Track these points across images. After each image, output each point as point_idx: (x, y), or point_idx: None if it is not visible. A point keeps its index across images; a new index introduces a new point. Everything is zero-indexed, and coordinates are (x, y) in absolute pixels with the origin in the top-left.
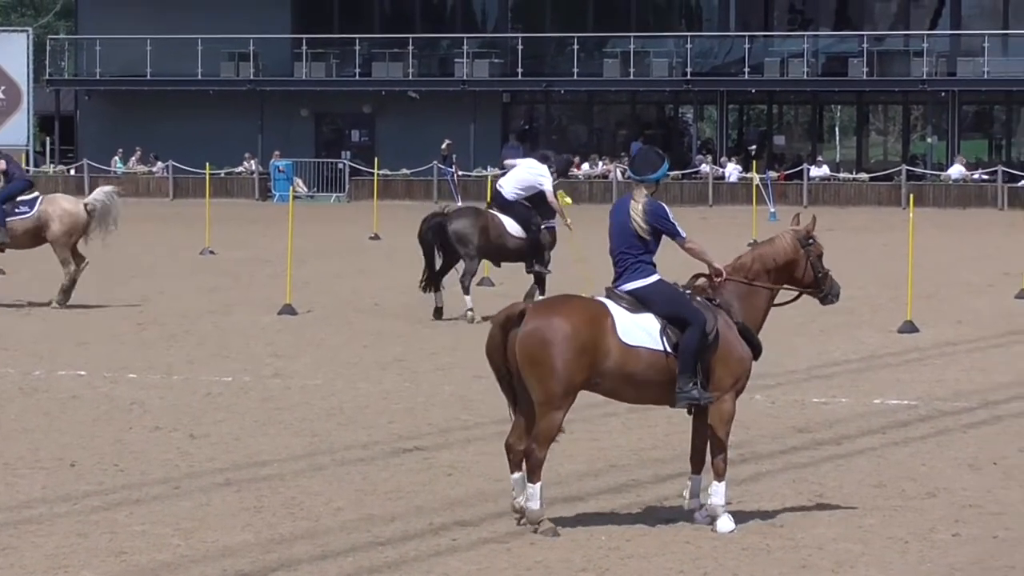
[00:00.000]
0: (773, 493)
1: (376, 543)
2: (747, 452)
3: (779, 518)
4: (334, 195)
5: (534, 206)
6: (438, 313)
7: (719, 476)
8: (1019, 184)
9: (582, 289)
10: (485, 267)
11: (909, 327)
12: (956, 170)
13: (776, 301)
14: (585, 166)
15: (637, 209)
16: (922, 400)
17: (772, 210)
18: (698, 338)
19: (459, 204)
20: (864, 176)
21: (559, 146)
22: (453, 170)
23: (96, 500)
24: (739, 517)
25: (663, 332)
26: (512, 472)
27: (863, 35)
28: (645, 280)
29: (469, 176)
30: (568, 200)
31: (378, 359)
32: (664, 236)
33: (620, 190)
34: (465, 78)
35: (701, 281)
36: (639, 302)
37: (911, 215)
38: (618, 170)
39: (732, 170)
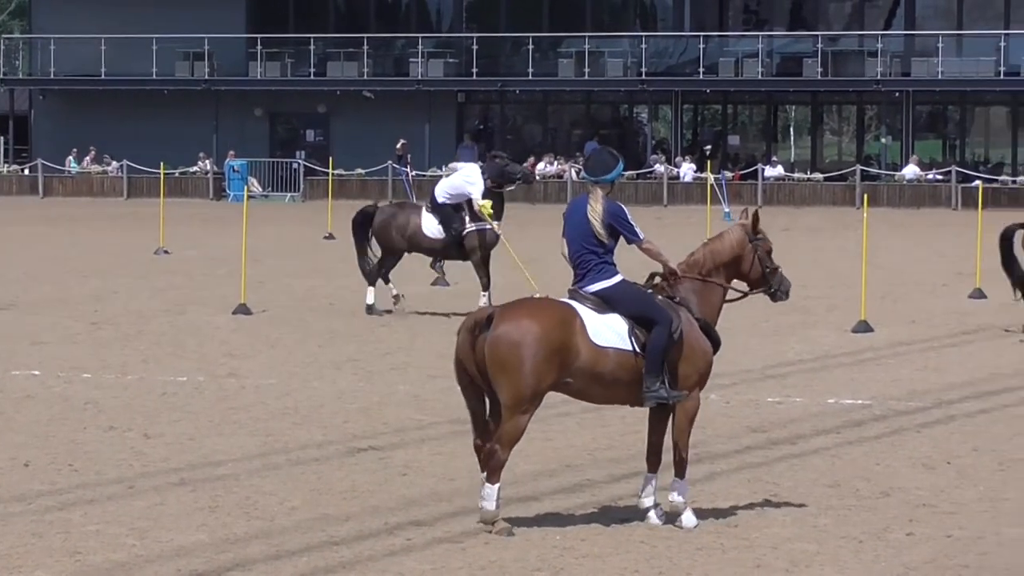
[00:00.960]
0: (728, 492)
1: (331, 543)
2: (702, 452)
3: (734, 518)
4: (289, 195)
5: (468, 209)
6: (395, 300)
7: (681, 472)
8: (972, 184)
9: (526, 291)
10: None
11: (863, 327)
12: (910, 170)
13: (728, 297)
14: (540, 166)
15: (596, 210)
16: (876, 400)
17: (727, 210)
18: (665, 337)
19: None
20: (819, 176)
21: (514, 145)
22: (407, 170)
23: (50, 500)
24: (695, 516)
25: (631, 332)
26: (483, 471)
27: (817, 35)
28: (609, 281)
29: (424, 176)
30: (489, 210)
31: (333, 358)
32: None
33: (575, 190)
34: (420, 78)
35: (658, 281)
36: (605, 303)
37: (865, 215)
38: (573, 170)
39: (687, 170)
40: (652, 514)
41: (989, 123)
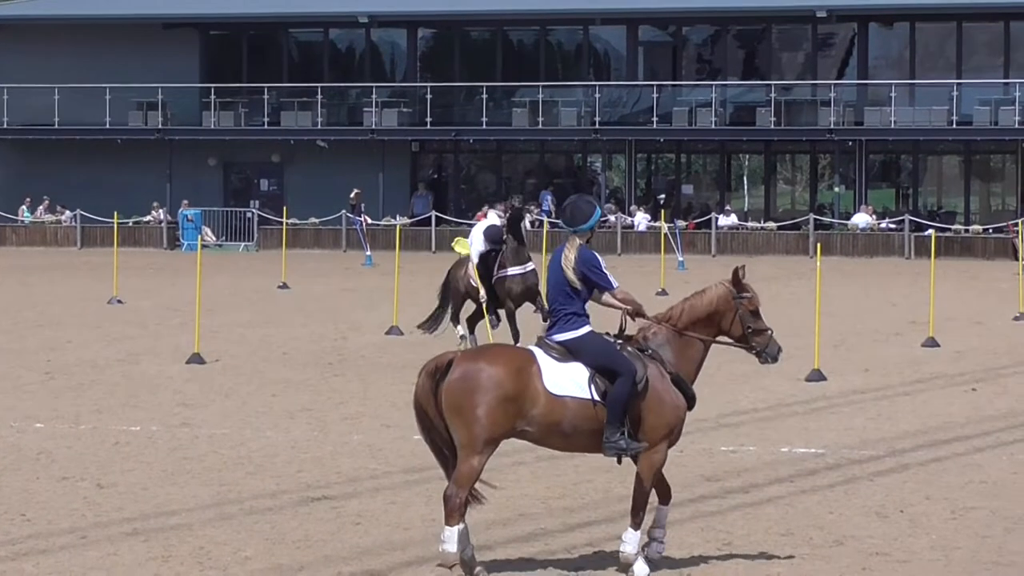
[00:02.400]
0: (681, 541)
1: None
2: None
3: (687, 567)
4: (243, 244)
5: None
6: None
7: (636, 524)
8: (925, 233)
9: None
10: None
11: (816, 375)
12: (863, 219)
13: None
14: (492, 214)
15: (569, 258)
16: (829, 448)
17: (681, 259)
18: (627, 388)
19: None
20: (772, 225)
21: (468, 195)
22: (362, 219)
23: (3, 550)
24: (647, 565)
25: (591, 380)
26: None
27: (771, 84)
28: (576, 332)
29: (378, 225)
30: (462, 250)
31: (287, 408)
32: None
33: (529, 239)
34: (374, 127)
35: (635, 329)
36: (569, 352)
37: (818, 264)
38: (527, 218)
39: (641, 219)
40: (655, 544)
41: (942, 172)
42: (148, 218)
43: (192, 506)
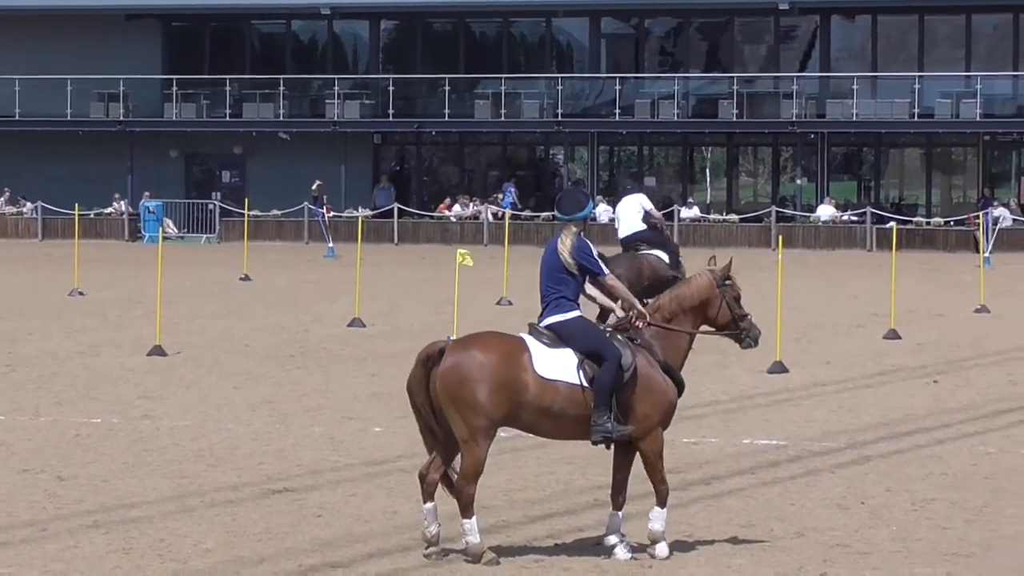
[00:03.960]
0: (643, 533)
1: None
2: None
3: (648, 559)
4: (204, 236)
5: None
6: None
7: (662, 502)
8: (887, 226)
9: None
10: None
11: (778, 367)
12: (825, 211)
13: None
14: (456, 207)
15: (566, 244)
16: (791, 440)
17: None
18: (613, 373)
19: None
20: (734, 217)
21: (430, 187)
22: (324, 211)
23: None
24: (609, 559)
25: (580, 366)
26: (425, 502)
27: (733, 77)
28: (565, 315)
29: (340, 217)
30: (468, 262)
31: (248, 400)
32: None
33: (491, 231)
34: (336, 119)
35: (620, 318)
36: (558, 337)
37: (780, 256)
38: (489, 211)
39: (603, 211)
40: (619, 549)
41: (904, 165)
42: (109, 210)
43: (153, 498)
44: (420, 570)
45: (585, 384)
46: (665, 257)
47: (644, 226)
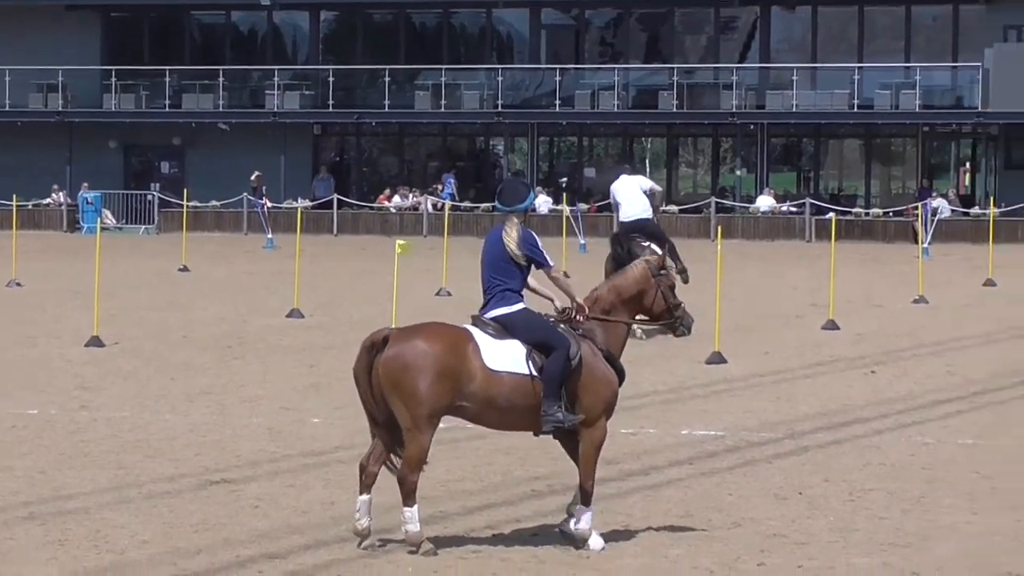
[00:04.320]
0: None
1: None
2: (556, 483)
3: (587, 549)
4: (143, 227)
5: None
6: None
7: (587, 501)
8: (826, 216)
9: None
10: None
11: (717, 358)
12: (764, 202)
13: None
14: (396, 198)
15: (512, 236)
16: (729, 431)
17: (583, 242)
18: (562, 362)
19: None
20: (674, 208)
21: (370, 178)
22: (263, 202)
23: None
24: (547, 550)
25: (529, 357)
26: (360, 493)
27: (673, 68)
28: (510, 307)
29: (279, 208)
30: (405, 251)
31: (186, 391)
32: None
33: (431, 222)
34: (276, 110)
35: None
36: (504, 328)
37: (719, 247)
38: (429, 202)
39: (543, 202)
40: (567, 526)
41: (843, 156)
42: (48, 201)
43: (90, 489)
44: (357, 561)
45: (535, 374)
46: (658, 250)
47: (645, 213)
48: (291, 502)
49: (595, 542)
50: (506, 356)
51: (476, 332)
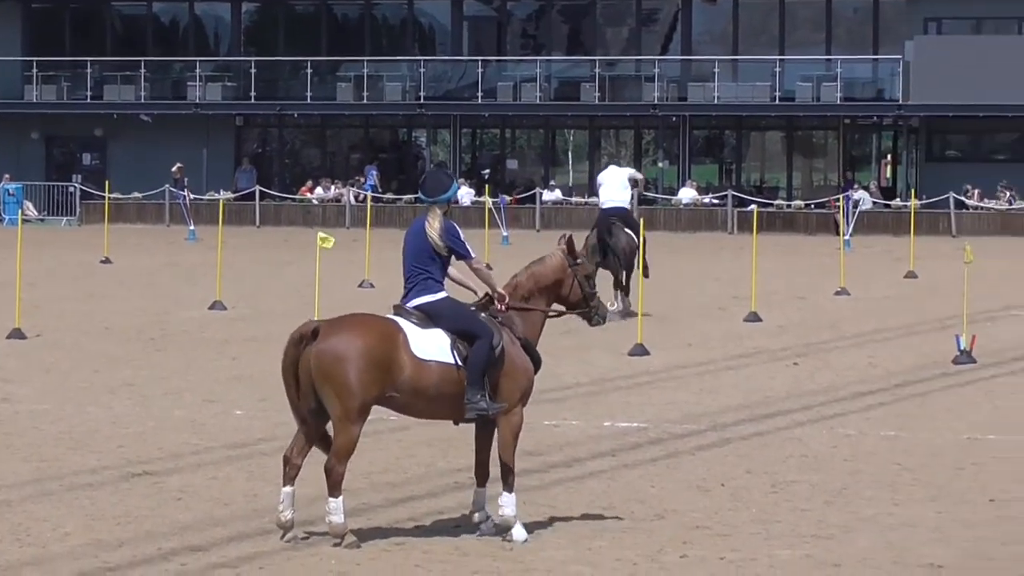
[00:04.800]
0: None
1: (105, 568)
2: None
3: (510, 541)
4: (65, 218)
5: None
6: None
7: (509, 487)
8: (748, 208)
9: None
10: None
11: (640, 350)
12: (686, 194)
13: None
14: (318, 190)
15: (435, 227)
16: (652, 422)
17: (505, 234)
18: (486, 351)
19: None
20: (596, 200)
21: (292, 169)
22: (185, 194)
23: None
24: (469, 541)
25: (453, 346)
26: (284, 485)
27: (595, 60)
28: (433, 296)
29: (201, 200)
30: (328, 244)
31: (108, 383)
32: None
33: (353, 214)
34: (198, 101)
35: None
36: (428, 317)
37: (642, 238)
38: (351, 194)
39: (465, 194)
40: (484, 527)
41: (765, 148)
42: None
43: (11, 482)
44: (280, 553)
45: (460, 363)
46: (634, 236)
47: (624, 203)
48: (214, 494)
49: (518, 533)
50: (433, 345)
51: (403, 322)
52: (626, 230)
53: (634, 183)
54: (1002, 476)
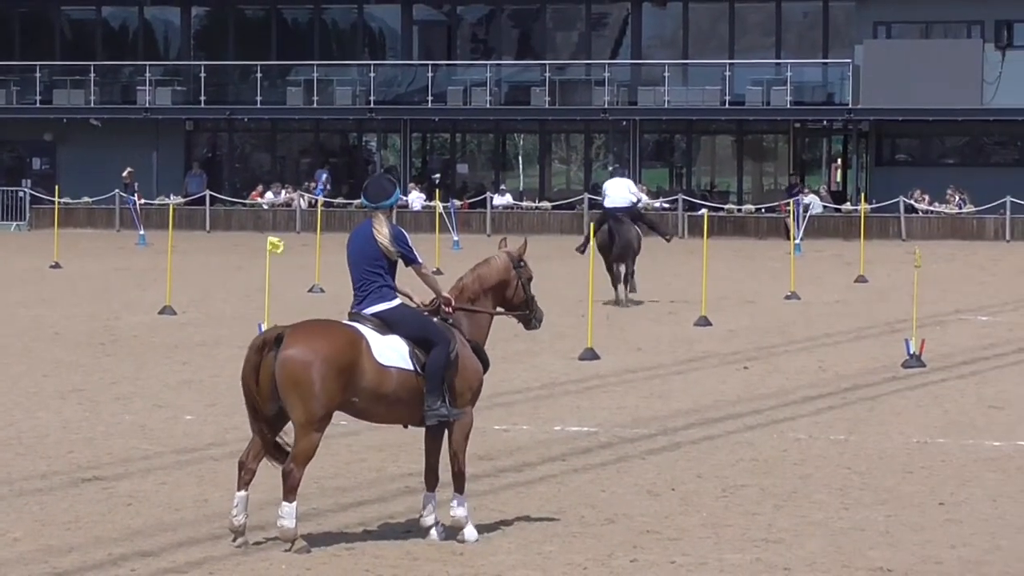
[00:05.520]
0: (455, 521)
1: (54, 574)
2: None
3: (459, 546)
4: (14, 223)
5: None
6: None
7: (461, 487)
8: (699, 213)
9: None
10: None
11: (590, 354)
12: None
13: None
14: (269, 194)
15: (383, 232)
16: (602, 427)
17: (456, 239)
18: (444, 357)
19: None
20: (547, 205)
21: (243, 174)
22: (135, 198)
23: None
24: (419, 546)
25: (412, 353)
26: (239, 489)
27: (545, 64)
28: (389, 303)
29: (152, 204)
30: (279, 250)
31: (58, 388)
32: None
33: (304, 218)
34: (148, 105)
35: (433, 306)
36: (385, 324)
37: (592, 243)
38: (302, 199)
39: (416, 198)
40: (434, 531)
41: (715, 152)
42: None
43: None
44: (230, 558)
45: (418, 369)
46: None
47: (628, 204)
48: (164, 499)
49: (470, 532)
50: (393, 352)
51: (363, 329)
52: (632, 225)
53: (637, 200)
54: (951, 480)
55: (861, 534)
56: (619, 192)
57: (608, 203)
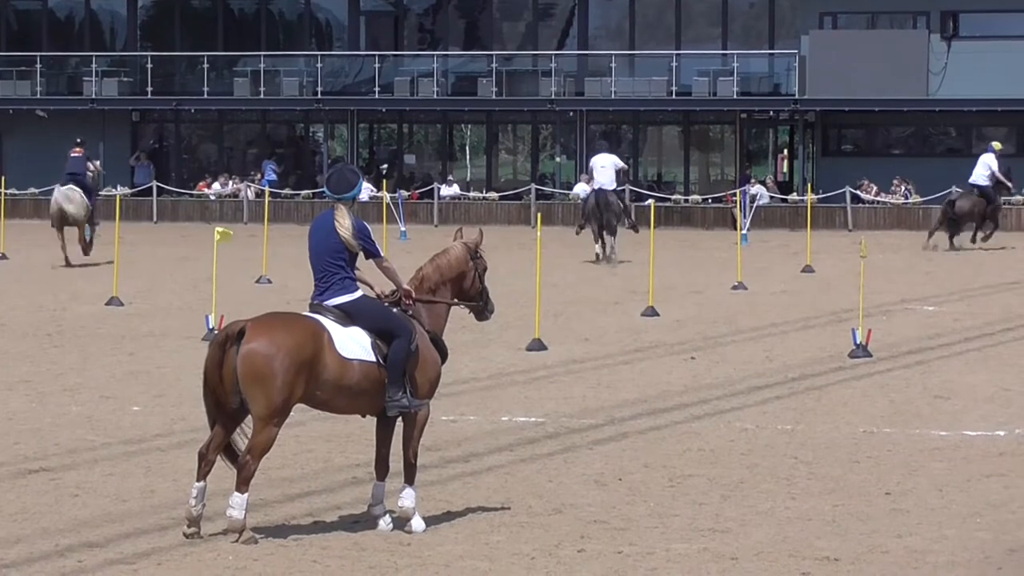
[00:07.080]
0: (402, 511)
1: (1, 565)
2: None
3: (406, 536)
4: None
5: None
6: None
7: (411, 479)
8: (645, 203)
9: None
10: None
11: (537, 345)
12: (583, 189)
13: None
14: (216, 185)
15: (345, 224)
16: (549, 417)
17: (403, 229)
18: (405, 349)
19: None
20: (494, 195)
21: (190, 165)
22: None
23: None
24: (367, 536)
25: (374, 344)
26: (197, 480)
27: (492, 55)
28: (351, 295)
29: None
30: (226, 239)
31: (4, 379)
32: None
33: (251, 209)
34: (94, 96)
35: (394, 298)
36: (347, 316)
37: (539, 233)
38: (249, 189)
39: (366, 189)
40: (382, 521)
41: (662, 142)
42: None
43: None
44: (178, 549)
45: (380, 361)
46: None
47: (613, 184)
48: (111, 490)
49: (417, 523)
50: (356, 344)
51: (325, 321)
52: (616, 200)
53: (622, 171)
54: (897, 469)
55: (808, 523)
56: (608, 171)
57: (596, 184)
